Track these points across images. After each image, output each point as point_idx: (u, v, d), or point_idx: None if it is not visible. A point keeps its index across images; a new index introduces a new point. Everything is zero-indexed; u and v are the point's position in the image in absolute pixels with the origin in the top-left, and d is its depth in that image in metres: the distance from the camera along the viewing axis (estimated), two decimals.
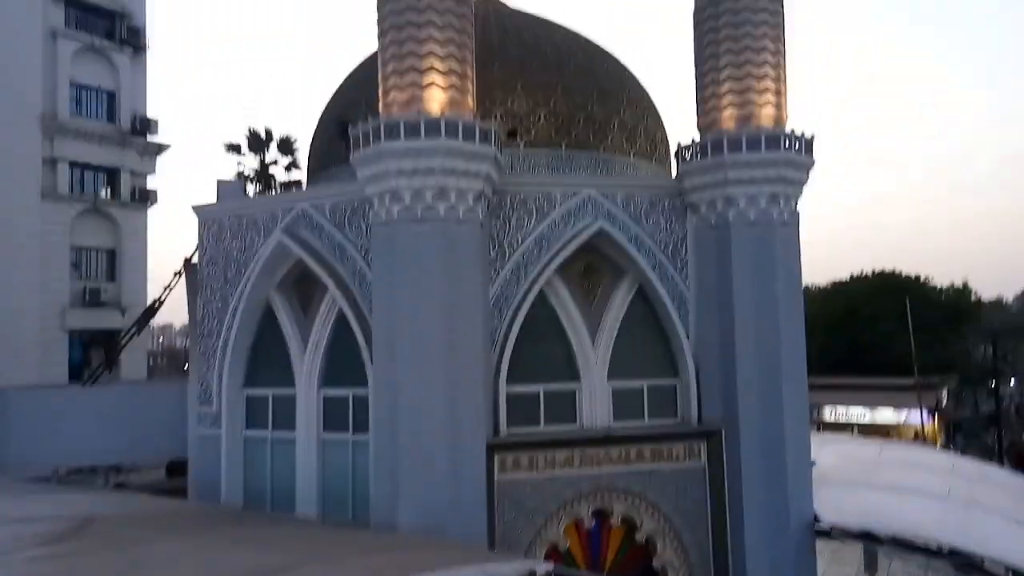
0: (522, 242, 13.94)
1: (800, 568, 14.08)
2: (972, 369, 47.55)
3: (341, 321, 14.35)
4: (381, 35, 13.13)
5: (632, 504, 13.97)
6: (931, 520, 14.53)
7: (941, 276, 68.10)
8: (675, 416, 14.75)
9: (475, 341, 12.90)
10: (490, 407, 13.32)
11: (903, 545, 14.85)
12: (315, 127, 18.90)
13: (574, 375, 14.39)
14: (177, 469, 17.94)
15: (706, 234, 14.69)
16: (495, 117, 15.01)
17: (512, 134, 15.38)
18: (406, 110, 12.69)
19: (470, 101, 13.24)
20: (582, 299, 14.61)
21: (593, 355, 14.39)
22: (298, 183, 23.79)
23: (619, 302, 14.73)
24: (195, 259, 16.70)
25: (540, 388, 14.15)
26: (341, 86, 18.57)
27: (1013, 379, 51.79)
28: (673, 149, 15.41)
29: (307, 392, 14.79)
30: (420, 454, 12.39)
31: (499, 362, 13.50)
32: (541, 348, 14.22)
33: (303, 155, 21.61)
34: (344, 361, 14.38)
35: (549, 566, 10.33)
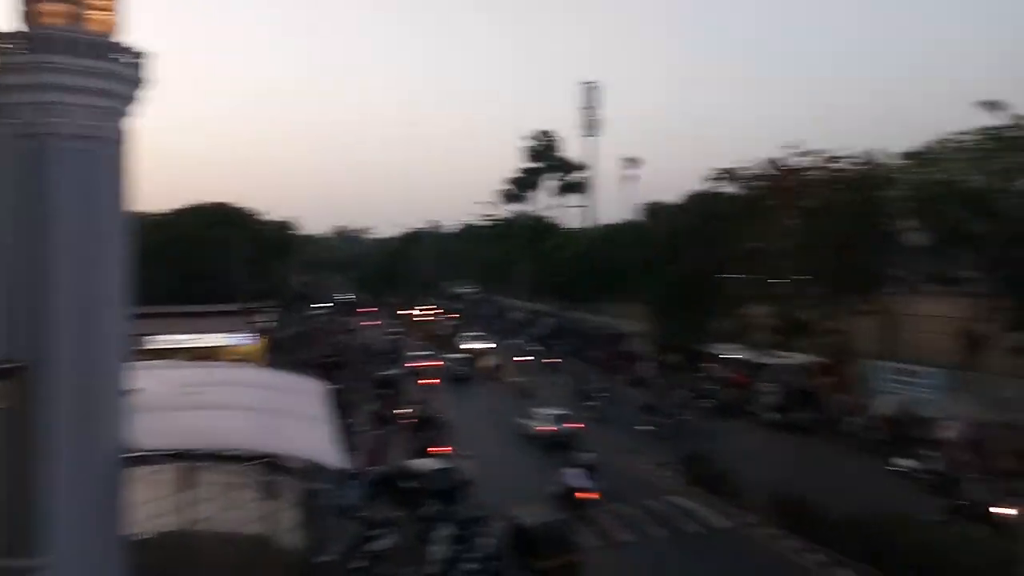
0: None
1: (112, 497, 13.85)
2: (291, 295, 54.57)
3: None
4: None
5: None
6: (244, 431, 16.23)
7: (275, 212, 74.94)
8: None
9: None
10: None
11: (218, 457, 16.32)
12: None
13: None
14: None
15: (19, 143, 12.70)
16: None
17: None
18: None
19: None
20: None
21: None
22: None
23: None
24: None
25: None
26: None
27: (319, 303, 61.79)
28: None
29: None
30: None
31: None
32: None
33: None
34: None
35: None
